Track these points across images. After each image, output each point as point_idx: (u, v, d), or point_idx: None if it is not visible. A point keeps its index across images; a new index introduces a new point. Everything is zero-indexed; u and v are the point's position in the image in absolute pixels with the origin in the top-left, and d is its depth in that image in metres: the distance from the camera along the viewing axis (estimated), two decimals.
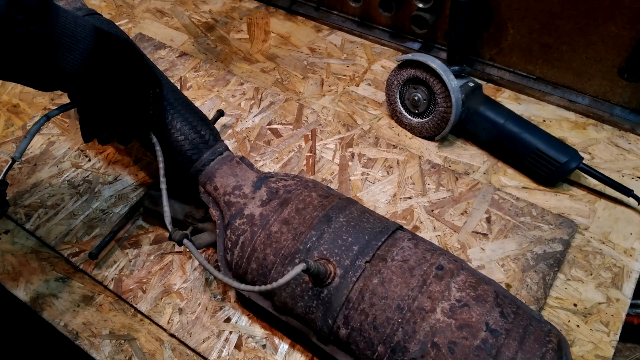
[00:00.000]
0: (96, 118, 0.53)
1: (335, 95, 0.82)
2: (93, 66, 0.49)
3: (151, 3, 1.01)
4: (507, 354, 0.43)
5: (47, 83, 0.49)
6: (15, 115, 0.82)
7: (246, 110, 0.80)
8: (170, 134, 0.58)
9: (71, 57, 0.47)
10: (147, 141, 0.59)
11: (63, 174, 0.73)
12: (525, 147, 0.67)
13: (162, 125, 0.58)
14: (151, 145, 0.61)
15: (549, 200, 0.67)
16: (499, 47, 0.78)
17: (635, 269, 0.61)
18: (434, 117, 0.71)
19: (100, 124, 0.53)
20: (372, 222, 0.53)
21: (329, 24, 0.93)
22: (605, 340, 0.56)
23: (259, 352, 0.56)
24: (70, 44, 0.47)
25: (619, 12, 0.65)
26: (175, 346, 0.58)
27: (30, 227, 0.68)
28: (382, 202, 0.68)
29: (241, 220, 0.55)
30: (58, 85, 0.49)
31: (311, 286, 0.49)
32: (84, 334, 0.59)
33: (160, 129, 0.58)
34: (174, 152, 0.58)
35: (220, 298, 0.61)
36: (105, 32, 0.50)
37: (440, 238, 0.64)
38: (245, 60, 0.89)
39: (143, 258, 0.64)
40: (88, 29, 0.48)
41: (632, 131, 0.73)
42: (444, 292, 0.47)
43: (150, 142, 0.57)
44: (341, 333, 0.49)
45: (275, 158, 0.74)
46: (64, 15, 0.47)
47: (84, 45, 0.47)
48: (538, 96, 0.79)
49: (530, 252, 0.62)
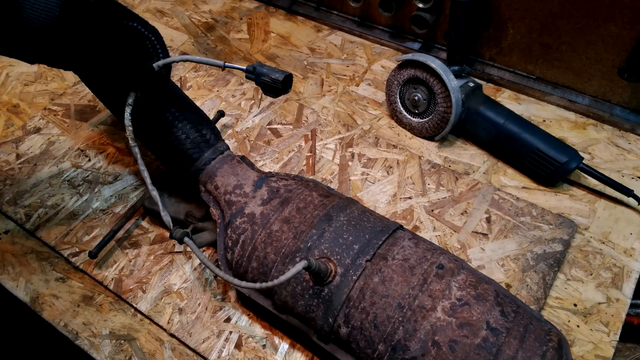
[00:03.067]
0: (96, 80, 0.50)
1: (335, 95, 0.82)
2: (67, 17, 0.44)
3: (151, 3, 1.01)
4: (507, 353, 0.43)
5: (23, 46, 0.45)
6: (15, 115, 0.82)
7: (246, 110, 0.80)
8: (172, 132, 0.58)
9: (42, 7, 0.43)
10: (149, 140, 0.59)
11: (63, 174, 0.73)
12: (525, 147, 0.67)
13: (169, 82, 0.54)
14: (151, 145, 0.61)
15: (549, 200, 0.67)
16: (499, 47, 0.79)
17: (635, 269, 0.61)
18: (434, 117, 0.71)
19: (104, 88, 0.51)
20: (372, 221, 0.53)
21: (329, 24, 0.93)
22: (605, 340, 0.56)
23: (259, 352, 0.56)
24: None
25: (619, 12, 0.65)
26: (175, 346, 0.58)
27: (30, 227, 0.68)
28: (382, 202, 0.68)
29: (242, 219, 0.55)
30: (34, 46, 0.45)
31: (312, 285, 0.49)
32: (84, 334, 0.59)
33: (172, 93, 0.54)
34: (175, 150, 0.58)
35: (221, 298, 0.61)
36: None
37: (440, 238, 0.64)
38: (245, 60, 0.89)
39: (143, 258, 0.64)
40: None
41: (632, 131, 0.73)
42: (444, 290, 0.47)
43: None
44: (342, 332, 0.49)
45: (275, 158, 0.74)
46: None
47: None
48: (538, 96, 0.79)
49: (530, 252, 0.62)
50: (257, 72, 0.51)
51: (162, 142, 0.58)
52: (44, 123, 0.80)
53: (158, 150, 0.60)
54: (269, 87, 0.51)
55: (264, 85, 0.51)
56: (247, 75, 0.52)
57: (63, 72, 0.88)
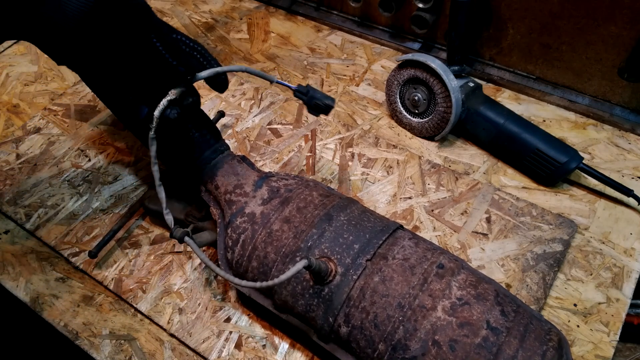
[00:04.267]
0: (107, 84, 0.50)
1: (335, 95, 0.82)
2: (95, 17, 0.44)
3: (151, 3, 1.01)
4: (508, 352, 0.43)
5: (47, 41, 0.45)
6: (15, 115, 0.82)
7: (246, 110, 0.80)
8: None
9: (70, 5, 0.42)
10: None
11: (63, 174, 0.73)
12: (525, 147, 0.67)
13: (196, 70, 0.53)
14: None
15: (549, 200, 0.67)
16: (499, 47, 0.79)
17: (635, 269, 0.61)
18: (434, 117, 0.71)
19: (118, 91, 0.51)
20: (372, 221, 0.53)
21: (329, 24, 0.93)
22: (605, 340, 0.56)
23: (259, 352, 0.56)
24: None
25: (619, 12, 0.65)
26: (175, 346, 0.58)
27: (30, 227, 0.68)
28: (382, 202, 0.68)
29: (242, 218, 0.55)
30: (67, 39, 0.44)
31: (312, 284, 0.49)
32: (84, 334, 0.59)
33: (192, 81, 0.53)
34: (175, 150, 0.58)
35: (221, 298, 0.61)
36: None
37: (440, 238, 0.64)
38: (245, 60, 0.89)
39: (143, 258, 0.64)
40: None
41: (632, 131, 0.73)
42: (444, 290, 0.47)
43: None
44: (342, 331, 0.49)
45: (275, 158, 0.74)
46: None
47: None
48: (538, 96, 0.79)
49: (530, 252, 0.62)
50: (310, 94, 0.56)
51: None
52: (44, 123, 0.80)
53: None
54: (319, 108, 0.56)
55: (314, 106, 0.56)
56: (296, 94, 0.56)
57: (63, 72, 0.88)
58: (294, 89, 0.56)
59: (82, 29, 0.44)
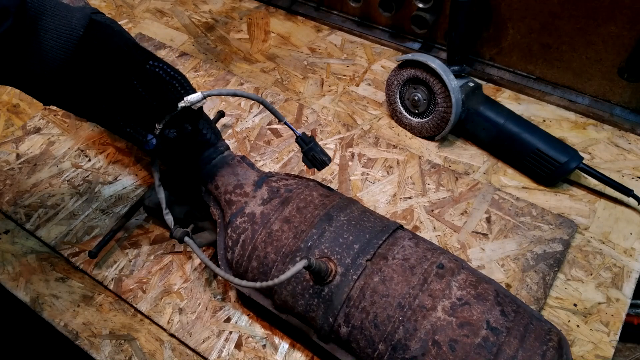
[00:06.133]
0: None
1: (335, 95, 0.82)
2: (82, 55, 0.45)
3: (151, 3, 1.01)
4: (508, 352, 0.43)
5: (39, 84, 0.46)
6: (15, 115, 0.82)
7: (246, 110, 0.80)
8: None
9: (55, 43, 0.44)
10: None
11: (63, 174, 0.73)
12: (525, 147, 0.67)
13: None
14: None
15: (549, 200, 0.67)
16: (499, 47, 0.79)
17: (635, 269, 0.61)
18: (434, 117, 0.71)
19: (108, 122, 0.51)
20: (372, 221, 0.53)
21: (329, 24, 0.93)
22: (605, 340, 0.56)
23: (259, 352, 0.56)
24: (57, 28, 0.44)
25: (619, 12, 0.65)
26: (175, 346, 0.58)
27: (30, 227, 0.68)
28: (382, 202, 0.68)
29: (242, 218, 0.55)
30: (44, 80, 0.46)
31: (312, 284, 0.49)
32: (84, 334, 0.59)
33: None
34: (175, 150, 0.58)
35: (221, 298, 0.61)
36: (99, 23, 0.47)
37: (440, 238, 0.64)
38: (245, 60, 0.89)
39: (143, 258, 0.64)
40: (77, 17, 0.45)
41: (632, 131, 0.73)
42: (444, 290, 0.47)
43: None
44: (342, 331, 0.49)
45: (275, 158, 0.74)
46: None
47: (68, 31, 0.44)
48: (538, 96, 0.79)
49: (530, 252, 0.62)
50: (310, 147, 0.56)
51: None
52: (44, 123, 0.80)
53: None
54: (314, 161, 0.56)
55: (311, 157, 0.56)
56: (297, 140, 0.56)
57: None
58: (298, 135, 0.56)
59: (63, 76, 0.45)
